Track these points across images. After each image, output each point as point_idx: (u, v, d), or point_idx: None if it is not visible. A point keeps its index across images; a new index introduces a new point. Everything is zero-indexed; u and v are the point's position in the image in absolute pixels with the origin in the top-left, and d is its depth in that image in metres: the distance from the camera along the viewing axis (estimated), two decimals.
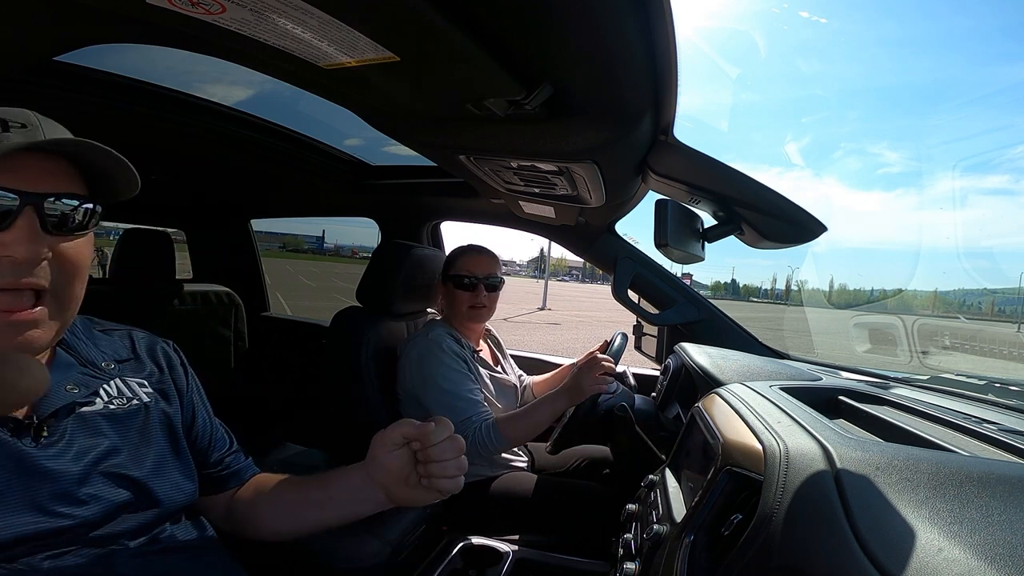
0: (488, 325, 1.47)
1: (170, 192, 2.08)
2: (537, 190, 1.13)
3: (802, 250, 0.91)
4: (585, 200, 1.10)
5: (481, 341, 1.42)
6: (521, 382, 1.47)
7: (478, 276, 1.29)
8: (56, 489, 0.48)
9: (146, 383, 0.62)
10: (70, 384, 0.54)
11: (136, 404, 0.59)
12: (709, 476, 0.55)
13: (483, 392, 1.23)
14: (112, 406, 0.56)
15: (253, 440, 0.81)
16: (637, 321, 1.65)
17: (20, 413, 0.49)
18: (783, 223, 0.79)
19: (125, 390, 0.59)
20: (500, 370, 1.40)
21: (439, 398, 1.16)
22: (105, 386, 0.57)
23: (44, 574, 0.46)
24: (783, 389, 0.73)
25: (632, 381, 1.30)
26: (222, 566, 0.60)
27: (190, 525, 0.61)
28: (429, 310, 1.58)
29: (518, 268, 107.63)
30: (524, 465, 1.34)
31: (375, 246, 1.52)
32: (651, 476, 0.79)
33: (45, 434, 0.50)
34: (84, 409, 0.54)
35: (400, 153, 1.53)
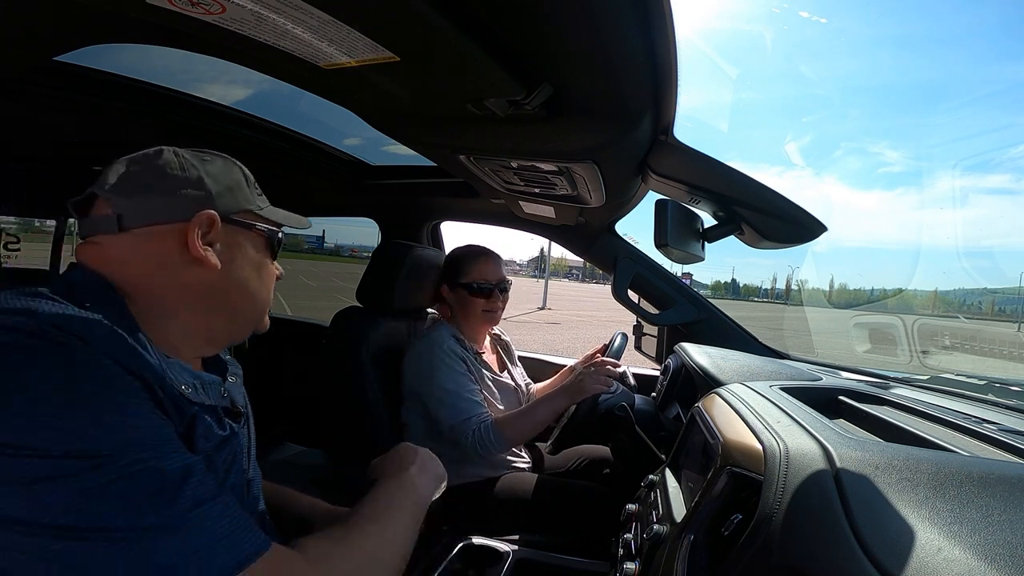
0: (500, 330, 1.47)
1: None
2: (537, 190, 1.13)
3: (802, 250, 0.91)
4: (585, 200, 1.10)
5: (487, 344, 1.42)
6: (527, 388, 1.47)
7: (492, 282, 1.31)
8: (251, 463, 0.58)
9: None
10: (231, 376, 0.61)
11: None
12: (709, 476, 0.55)
13: (484, 394, 1.23)
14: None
15: None
16: (637, 321, 1.64)
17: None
18: (783, 223, 0.79)
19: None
20: (504, 375, 1.39)
21: (440, 397, 1.17)
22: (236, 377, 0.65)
23: None
24: (783, 389, 0.73)
25: (632, 381, 1.30)
26: None
27: None
28: (430, 311, 1.57)
29: (518, 268, 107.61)
30: (525, 466, 1.34)
31: (375, 246, 1.52)
32: (651, 476, 0.79)
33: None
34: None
35: (400, 153, 1.53)
